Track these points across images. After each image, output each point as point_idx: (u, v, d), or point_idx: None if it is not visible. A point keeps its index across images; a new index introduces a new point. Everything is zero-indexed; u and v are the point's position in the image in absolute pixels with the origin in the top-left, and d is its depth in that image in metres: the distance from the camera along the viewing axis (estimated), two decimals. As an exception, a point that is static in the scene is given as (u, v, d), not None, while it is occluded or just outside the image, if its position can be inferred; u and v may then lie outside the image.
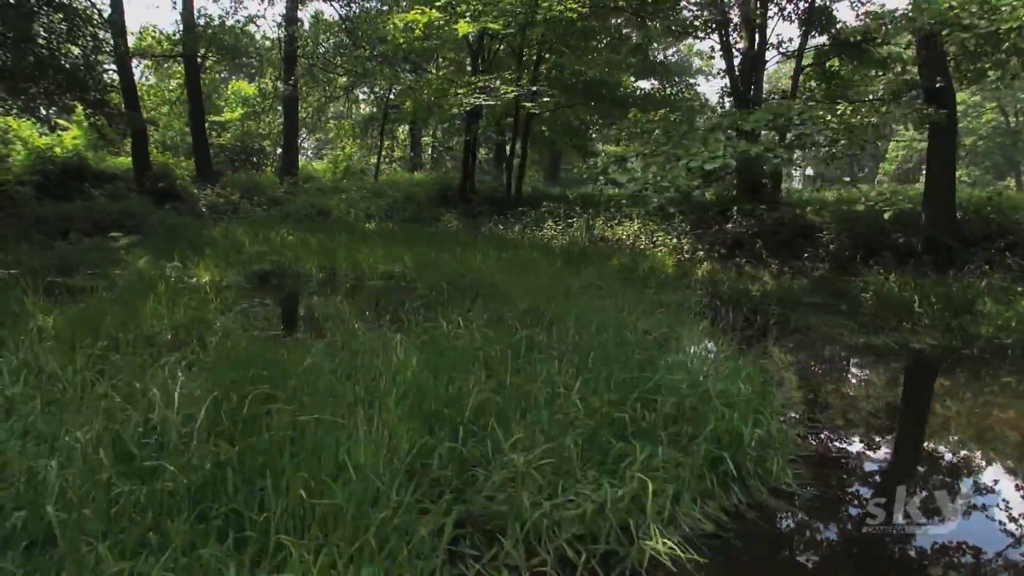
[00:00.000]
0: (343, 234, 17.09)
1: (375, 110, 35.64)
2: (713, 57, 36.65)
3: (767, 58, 20.56)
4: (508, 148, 28.75)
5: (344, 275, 13.06)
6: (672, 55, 28.24)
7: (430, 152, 43.53)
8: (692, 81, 26.12)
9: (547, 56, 24.31)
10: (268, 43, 29.68)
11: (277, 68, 28.91)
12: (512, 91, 19.91)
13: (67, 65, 18.00)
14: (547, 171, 39.59)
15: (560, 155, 37.88)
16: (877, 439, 6.44)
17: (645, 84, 29.93)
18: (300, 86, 28.50)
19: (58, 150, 21.62)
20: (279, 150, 34.13)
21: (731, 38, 20.54)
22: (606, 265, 14.65)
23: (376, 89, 32.86)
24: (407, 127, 38.73)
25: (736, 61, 20.46)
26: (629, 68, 26.03)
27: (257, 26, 37.04)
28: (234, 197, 23.78)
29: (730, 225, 18.16)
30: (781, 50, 21.31)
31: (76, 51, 18.87)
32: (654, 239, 18.63)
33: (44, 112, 20.30)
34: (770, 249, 16.70)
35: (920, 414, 7.60)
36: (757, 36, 19.92)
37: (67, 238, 16.37)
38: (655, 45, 28.86)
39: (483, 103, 21.08)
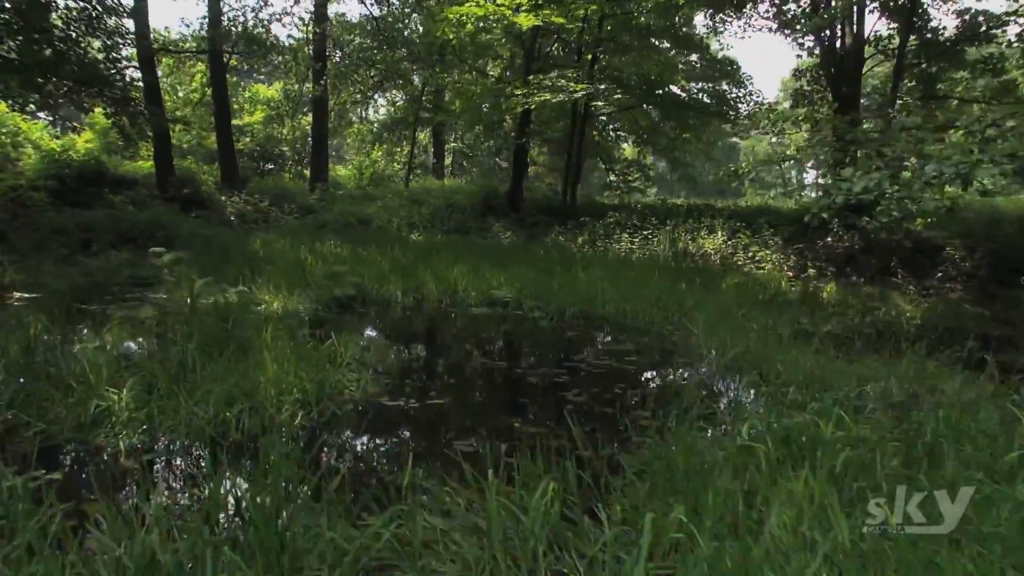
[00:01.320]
0: (398, 247, 15.17)
1: (398, 114, 33.74)
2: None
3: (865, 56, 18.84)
4: (566, 153, 25.57)
5: (437, 300, 10.99)
6: (721, 51, 25.83)
7: (451, 159, 41.50)
8: (748, 79, 23.74)
9: (602, 56, 22.42)
10: (294, 42, 27.44)
11: (305, 66, 26.98)
12: (583, 88, 18.03)
13: (88, 59, 16.10)
14: (565, 178, 37.26)
15: (583, 161, 35.05)
16: None
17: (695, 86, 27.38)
18: (329, 88, 26.54)
19: (73, 153, 19.73)
20: (303, 155, 32.42)
21: (825, 34, 18.81)
22: (723, 286, 12.58)
23: (406, 90, 30.99)
24: (429, 132, 36.76)
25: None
26: (682, 70, 24.27)
27: (284, 25, 34.80)
28: (263, 205, 21.97)
29: (830, 239, 16.09)
30: (879, 47, 19.44)
31: (97, 44, 17.05)
32: (750, 254, 16.48)
33: (62, 110, 18.15)
34: (886, 268, 14.65)
35: None
36: (855, 31, 18.28)
37: (89, 250, 14.42)
38: (718, 44, 27.00)
39: (550, 100, 19.17)
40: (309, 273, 11.51)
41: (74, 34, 15.88)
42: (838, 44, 18.86)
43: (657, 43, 22.66)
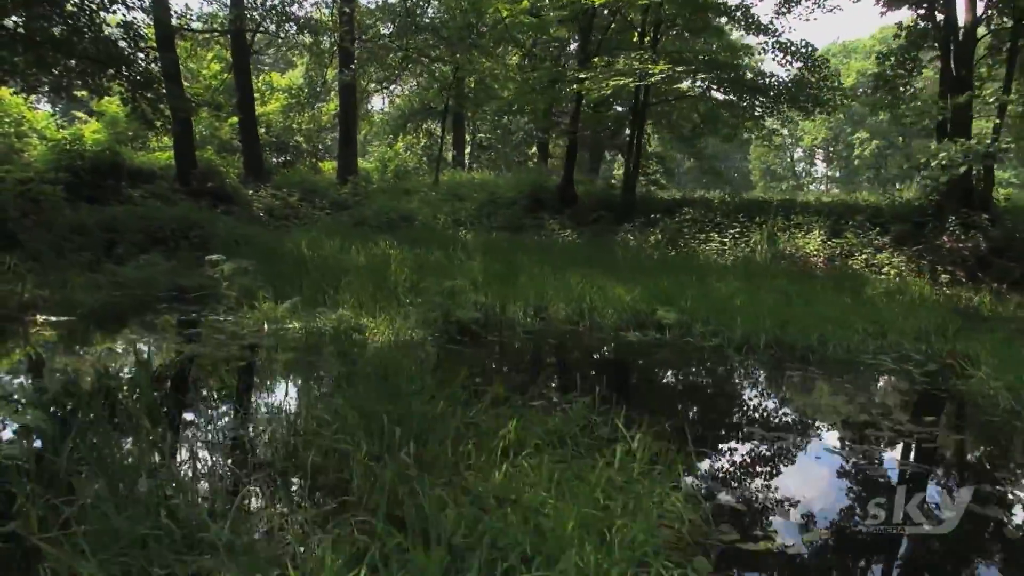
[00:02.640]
0: (460, 249, 13.43)
1: (421, 102, 31.65)
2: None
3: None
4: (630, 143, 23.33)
5: (567, 320, 9.03)
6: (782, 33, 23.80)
7: (469, 151, 38.78)
8: (824, 62, 21.78)
9: (662, 38, 20.65)
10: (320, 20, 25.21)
11: (330, 51, 25.23)
12: (661, 69, 16.30)
13: (104, 36, 14.43)
14: (626, 170, 35.53)
15: (603, 150, 34.35)
16: None
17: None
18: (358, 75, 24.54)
19: (86, 143, 17.88)
20: (320, 147, 30.75)
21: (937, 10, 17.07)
22: (866, 296, 10.77)
23: (434, 78, 28.70)
24: (449, 122, 34.06)
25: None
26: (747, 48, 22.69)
27: (305, 6, 31.53)
28: (293, 200, 20.26)
29: (946, 238, 14.23)
30: (994, 25, 17.34)
31: (115, 19, 15.38)
32: (863, 256, 14.63)
33: (75, 92, 16.19)
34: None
35: None
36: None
37: (114, 253, 12.84)
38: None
39: (627, 85, 17.40)
40: (396, 285, 9.71)
41: (89, 6, 14.16)
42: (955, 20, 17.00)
43: (722, 23, 21.06)
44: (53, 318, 8.43)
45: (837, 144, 62.51)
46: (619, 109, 25.90)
